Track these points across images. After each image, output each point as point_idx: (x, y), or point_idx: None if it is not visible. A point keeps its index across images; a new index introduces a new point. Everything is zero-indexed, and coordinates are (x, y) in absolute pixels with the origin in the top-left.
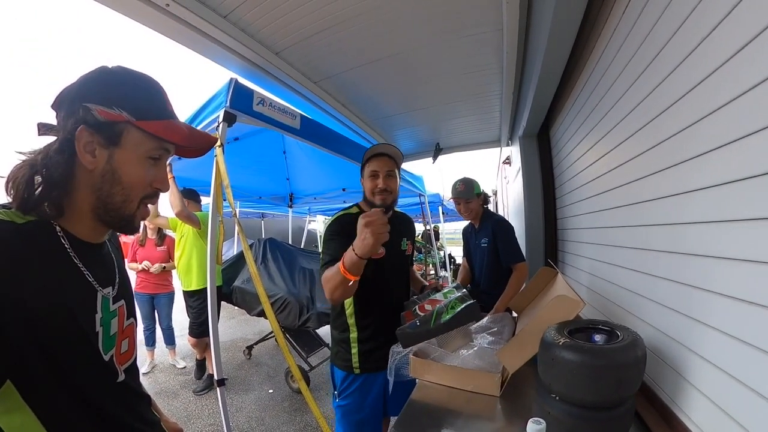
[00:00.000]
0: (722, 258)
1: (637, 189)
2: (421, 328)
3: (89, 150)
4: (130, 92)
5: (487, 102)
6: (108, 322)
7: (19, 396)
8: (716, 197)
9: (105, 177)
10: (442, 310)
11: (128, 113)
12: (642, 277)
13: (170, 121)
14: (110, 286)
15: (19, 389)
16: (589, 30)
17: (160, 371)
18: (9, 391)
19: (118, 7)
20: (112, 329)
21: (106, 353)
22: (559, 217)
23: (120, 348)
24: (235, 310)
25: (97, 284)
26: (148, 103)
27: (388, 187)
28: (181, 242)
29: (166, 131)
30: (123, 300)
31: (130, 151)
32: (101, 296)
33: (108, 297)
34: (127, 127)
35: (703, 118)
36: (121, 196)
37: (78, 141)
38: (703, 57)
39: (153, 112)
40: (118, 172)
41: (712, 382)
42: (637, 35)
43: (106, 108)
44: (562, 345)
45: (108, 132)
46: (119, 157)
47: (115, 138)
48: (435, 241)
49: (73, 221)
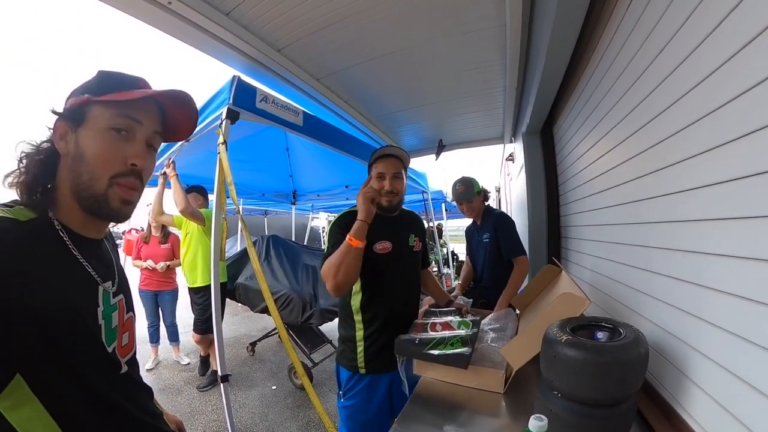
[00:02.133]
0: (725, 255)
1: (640, 186)
2: (417, 348)
3: (64, 138)
4: (100, 80)
5: (490, 98)
6: (109, 315)
7: (28, 389)
8: (720, 194)
9: (75, 158)
10: (442, 341)
11: (90, 94)
12: (644, 275)
13: (130, 91)
14: (110, 280)
15: (29, 382)
16: (593, 26)
17: (164, 367)
18: (19, 384)
19: (121, 6)
20: (114, 322)
21: (109, 345)
22: (562, 214)
23: (121, 341)
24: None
25: (98, 278)
26: (113, 82)
27: (395, 189)
28: (186, 239)
29: (119, 95)
30: (122, 294)
31: (91, 126)
32: (102, 290)
33: (108, 291)
34: (89, 105)
35: (708, 115)
36: (87, 174)
37: (55, 133)
38: (707, 54)
39: (114, 87)
40: (83, 150)
41: (715, 380)
42: (641, 30)
43: (76, 97)
44: (565, 342)
45: (74, 115)
46: (83, 135)
47: (80, 118)
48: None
49: (65, 212)
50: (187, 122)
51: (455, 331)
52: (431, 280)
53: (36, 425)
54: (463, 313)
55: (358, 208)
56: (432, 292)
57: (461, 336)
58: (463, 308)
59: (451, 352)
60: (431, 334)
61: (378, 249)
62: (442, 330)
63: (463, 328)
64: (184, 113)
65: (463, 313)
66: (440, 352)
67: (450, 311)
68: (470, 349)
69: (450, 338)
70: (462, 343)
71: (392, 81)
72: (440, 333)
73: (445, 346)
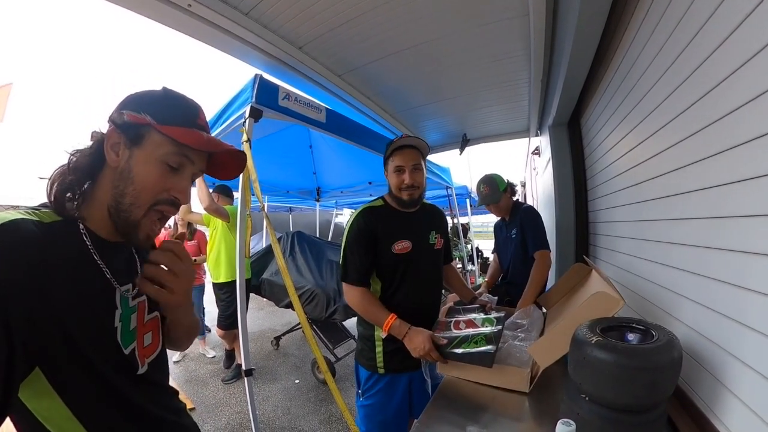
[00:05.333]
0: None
1: (677, 179)
2: (440, 347)
3: (115, 149)
4: (161, 101)
5: (514, 90)
6: (127, 317)
7: (47, 382)
8: (763, 188)
9: (122, 175)
10: (466, 339)
11: (152, 117)
12: (680, 274)
13: (192, 129)
14: (130, 283)
15: (47, 376)
16: (621, 11)
17: (191, 360)
18: (38, 377)
19: (141, 10)
20: (132, 324)
21: (127, 347)
22: (591, 210)
23: (142, 341)
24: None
25: (115, 282)
26: (174, 111)
27: (415, 182)
28: (212, 236)
29: (183, 135)
30: (144, 296)
31: (148, 153)
32: (119, 294)
33: (127, 295)
34: (150, 130)
35: (748, 103)
36: (131, 197)
37: (107, 140)
38: (745, 35)
39: (177, 119)
40: (133, 171)
41: (753, 390)
42: (673, 15)
43: (135, 112)
44: (595, 343)
45: (132, 133)
46: (137, 157)
47: (138, 139)
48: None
49: (95, 217)
50: (233, 170)
51: (479, 329)
52: (454, 275)
53: (54, 414)
54: (486, 310)
55: (409, 344)
56: (455, 288)
57: (485, 333)
58: (487, 305)
59: (476, 351)
60: (455, 332)
61: (397, 249)
62: (466, 328)
63: (488, 326)
64: (233, 162)
65: (487, 310)
66: (464, 350)
67: (474, 308)
68: (495, 347)
69: (474, 336)
70: (486, 341)
71: (414, 75)
72: (464, 331)
73: (469, 344)
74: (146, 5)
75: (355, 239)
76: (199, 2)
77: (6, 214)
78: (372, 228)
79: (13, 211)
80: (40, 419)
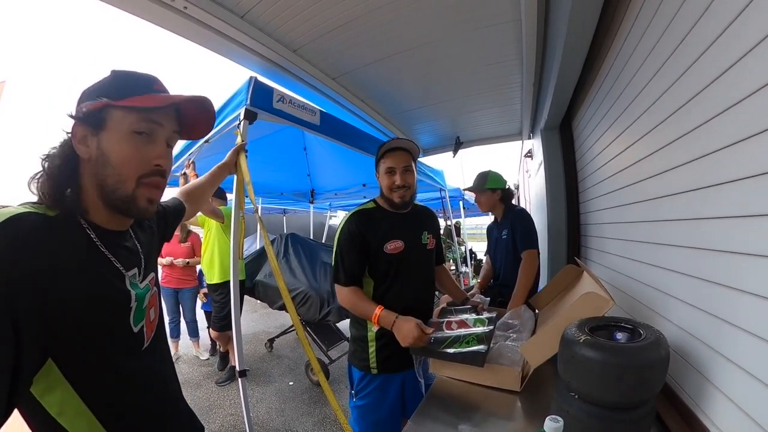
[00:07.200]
0: (752, 255)
1: (662, 182)
2: (432, 346)
3: (83, 142)
4: (111, 82)
5: (507, 94)
6: (143, 297)
7: (59, 372)
8: (746, 190)
9: (99, 162)
10: (457, 340)
11: (108, 98)
12: (666, 274)
13: (148, 94)
14: (135, 267)
15: (60, 366)
16: (611, 17)
17: (184, 362)
18: (51, 368)
19: (137, 12)
20: (145, 302)
21: (137, 325)
22: (582, 212)
23: (149, 317)
24: (258, 304)
25: (122, 268)
26: (127, 85)
27: (406, 183)
28: (206, 237)
29: (141, 101)
30: (153, 272)
31: (114, 131)
32: (128, 278)
33: (135, 279)
34: (109, 110)
35: (733, 106)
36: (113, 177)
37: (74, 138)
38: (731, 41)
39: (132, 91)
40: (107, 154)
41: (739, 387)
42: (661, 20)
43: (91, 101)
44: (583, 342)
45: (94, 120)
46: (106, 140)
47: (101, 123)
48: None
49: (90, 211)
50: (205, 123)
51: (471, 329)
52: (446, 276)
53: (67, 408)
54: (478, 310)
55: (398, 334)
56: (447, 289)
57: (477, 334)
58: (479, 306)
59: (467, 350)
60: (447, 332)
61: (389, 249)
62: (458, 328)
63: (479, 326)
64: (202, 114)
65: (479, 310)
66: (456, 350)
67: (466, 309)
68: (486, 347)
69: (466, 336)
70: (478, 341)
71: (408, 78)
72: (456, 331)
73: (461, 344)
74: (141, 7)
75: (345, 242)
76: (195, 5)
77: (11, 208)
78: (362, 231)
79: (18, 206)
80: (53, 414)
